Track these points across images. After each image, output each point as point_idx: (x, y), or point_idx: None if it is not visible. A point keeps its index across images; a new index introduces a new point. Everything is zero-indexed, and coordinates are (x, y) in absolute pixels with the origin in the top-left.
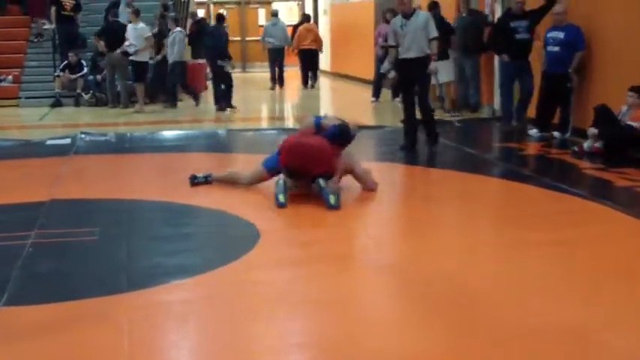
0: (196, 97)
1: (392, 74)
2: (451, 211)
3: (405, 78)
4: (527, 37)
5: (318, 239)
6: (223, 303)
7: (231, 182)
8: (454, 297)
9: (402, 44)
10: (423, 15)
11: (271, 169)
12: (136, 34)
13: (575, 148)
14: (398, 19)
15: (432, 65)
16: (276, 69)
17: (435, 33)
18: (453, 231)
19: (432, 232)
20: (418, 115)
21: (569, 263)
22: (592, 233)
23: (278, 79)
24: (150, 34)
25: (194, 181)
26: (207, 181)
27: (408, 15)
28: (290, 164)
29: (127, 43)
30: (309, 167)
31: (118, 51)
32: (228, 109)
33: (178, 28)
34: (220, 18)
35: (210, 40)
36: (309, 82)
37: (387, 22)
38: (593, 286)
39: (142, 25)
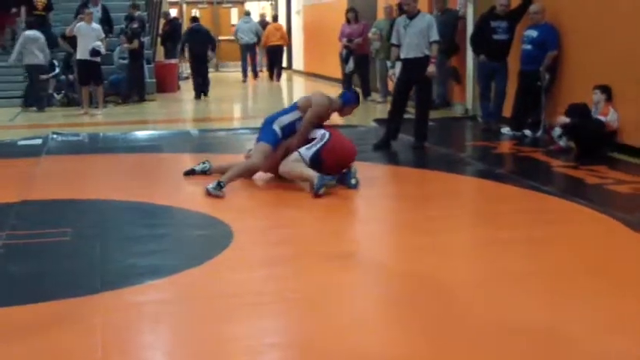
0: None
1: (392, 72)
2: (426, 210)
3: (404, 77)
4: (506, 38)
5: (293, 239)
6: (197, 303)
7: (245, 175)
8: (431, 295)
9: (403, 44)
10: (427, 17)
11: (275, 144)
12: (95, 34)
13: (551, 147)
14: (402, 19)
15: (431, 67)
16: (249, 63)
17: (436, 36)
18: (428, 230)
19: (408, 232)
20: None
21: (543, 261)
22: (565, 231)
23: (252, 70)
24: (104, 35)
25: (189, 173)
26: (204, 172)
27: (412, 16)
28: (333, 165)
29: (97, 43)
30: (347, 164)
31: (90, 48)
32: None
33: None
34: (195, 19)
35: (196, 38)
36: (275, 76)
37: (349, 22)
38: (566, 284)
39: (96, 25)
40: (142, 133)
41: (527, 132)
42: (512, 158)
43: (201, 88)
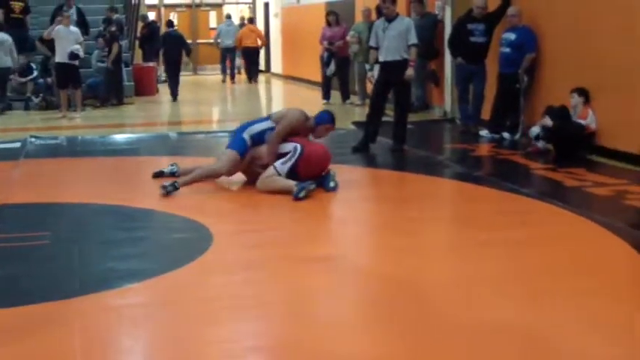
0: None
1: (370, 74)
2: (405, 212)
3: (382, 80)
4: (483, 41)
5: (272, 242)
6: (177, 307)
7: (206, 179)
8: (410, 297)
9: (381, 47)
10: (405, 20)
11: (243, 153)
12: (73, 37)
13: (529, 150)
14: (380, 22)
15: (410, 71)
16: (228, 65)
17: (414, 40)
18: (407, 231)
19: (387, 233)
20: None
21: (521, 262)
22: (543, 233)
23: (230, 74)
24: (82, 38)
25: (158, 175)
26: (172, 174)
27: (390, 19)
28: (310, 174)
29: (76, 46)
30: (324, 169)
31: (68, 51)
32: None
33: None
34: (170, 23)
35: (170, 42)
36: (252, 78)
37: (330, 25)
38: (544, 284)
39: (74, 28)
40: (120, 137)
41: (506, 134)
42: (490, 161)
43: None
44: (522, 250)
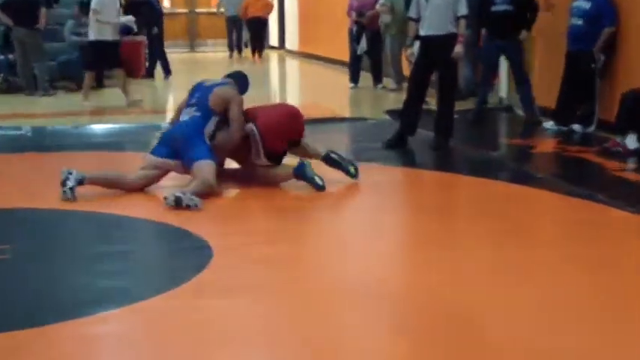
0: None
1: (410, 52)
2: (444, 222)
3: (423, 59)
4: (506, 9)
5: (282, 258)
6: (166, 336)
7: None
8: (455, 326)
9: (423, 18)
10: None
11: (214, 157)
12: (116, 6)
13: (607, 145)
14: None
15: (458, 48)
16: (235, 38)
17: (464, 10)
18: (451, 247)
19: (421, 248)
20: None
21: (595, 287)
22: (623, 251)
23: (237, 49)
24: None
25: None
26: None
27: None
28: (285, 142)
29: (127, 17)
30: (299, 134)
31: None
32: None
33: None
34: None
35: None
36: (255, 52)
37: None
38: (620, 314)
39: None
40: (99, 127)
41: (576, 126)
42: (556, 159)
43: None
44: (597, 272)
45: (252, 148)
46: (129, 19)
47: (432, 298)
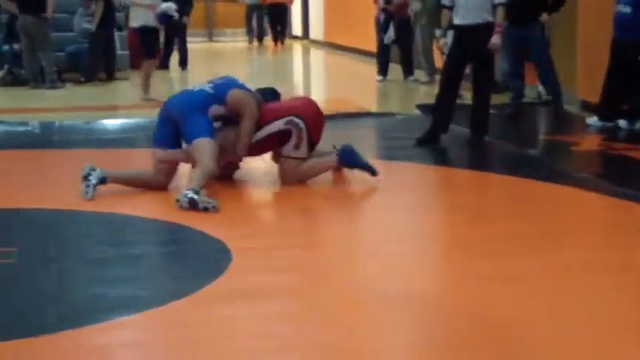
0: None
1: (443, 42)
2: (477, 224)
3: (458, 50)
4: None
5: (306, 263)
6: (183, 344)
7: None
8: (496, 339)
9: (457, 5)
10: None
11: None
12: None
13: None
14: None
15: (495, 38)
16: (255, 26)
17: None
18: (490, 252)
19: (452, 252)
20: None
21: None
22: None
23: (257, 35)
24: None
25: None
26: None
27: None
28: (318, 137)
29: (167, 4)
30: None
31: (159, 11)
32: None
33: None
34: None
35: None
36: (278, 41)
37: None
38: None
39: None
40: (110, 122)
41: (623, 122)
42: (600, 157)
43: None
44: None
45: (292, 141)
46: (169, 6)
47: (464, 307)
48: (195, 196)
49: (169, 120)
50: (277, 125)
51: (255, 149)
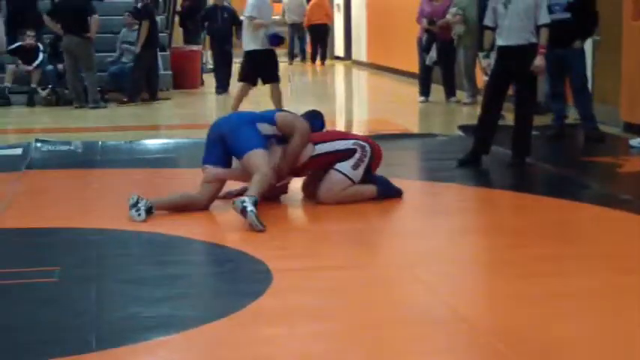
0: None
1: (487, 63)
2: (520, 247)
3: (500, 71)
4: (566, 18)
5: (346, 284)
6: None
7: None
8: (529, 359)
9: (500, 27)
10: None
11: (265, 147)
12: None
13: None
14: None
15: (539, 60)
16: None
17: (546, 18)
18: (533, 274)
19: (497, 275)
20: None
21: None
22: None
23: (300, 53)
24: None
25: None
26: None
27: None
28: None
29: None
30: None
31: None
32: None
33: None
34: None
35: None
36: (318, 60)
37: None
38: None
39: None
40: (152, 142)
41: None
42: None
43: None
44: None
45: (353, 160)
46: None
47: (504, 328)
48: (249, 208)
49: (220, 140)
50: (345, 144)
51: (313, 162)
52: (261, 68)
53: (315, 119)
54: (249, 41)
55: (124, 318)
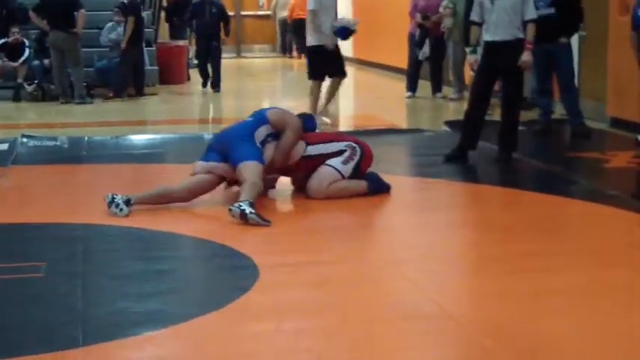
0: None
1: (474, 59)
2: (507, 242)
3: (487, 66)
4: (549, 13)
5: (333, 279)
6: None
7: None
8: (516, 355)
9: (487, 22)
10: None
11: (263, 162)
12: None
13: None
14: None
15: (526, 55)
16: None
17: (533, 14)
18: (520, 270)
19: (484, 271)
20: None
21: None
22: None
23: (289, 51)
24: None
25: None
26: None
27: None
28: (362, 172)
29: (347, 18)
30: None
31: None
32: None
33: None
34: None
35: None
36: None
37: None
38: None
39: None
40: (139, 137)
41: None
42: (631, 175)
43: (211, 77)
44: None
45: (343, 157)
46: (349, 20)
47: (491, 324)
48: (248, 210)
49: (220, 151)
50: (336, 146)
51: (305, 164)
52: (329, 63)
53: (307, 120)
54: (314, 37)
55: (112, 313)
